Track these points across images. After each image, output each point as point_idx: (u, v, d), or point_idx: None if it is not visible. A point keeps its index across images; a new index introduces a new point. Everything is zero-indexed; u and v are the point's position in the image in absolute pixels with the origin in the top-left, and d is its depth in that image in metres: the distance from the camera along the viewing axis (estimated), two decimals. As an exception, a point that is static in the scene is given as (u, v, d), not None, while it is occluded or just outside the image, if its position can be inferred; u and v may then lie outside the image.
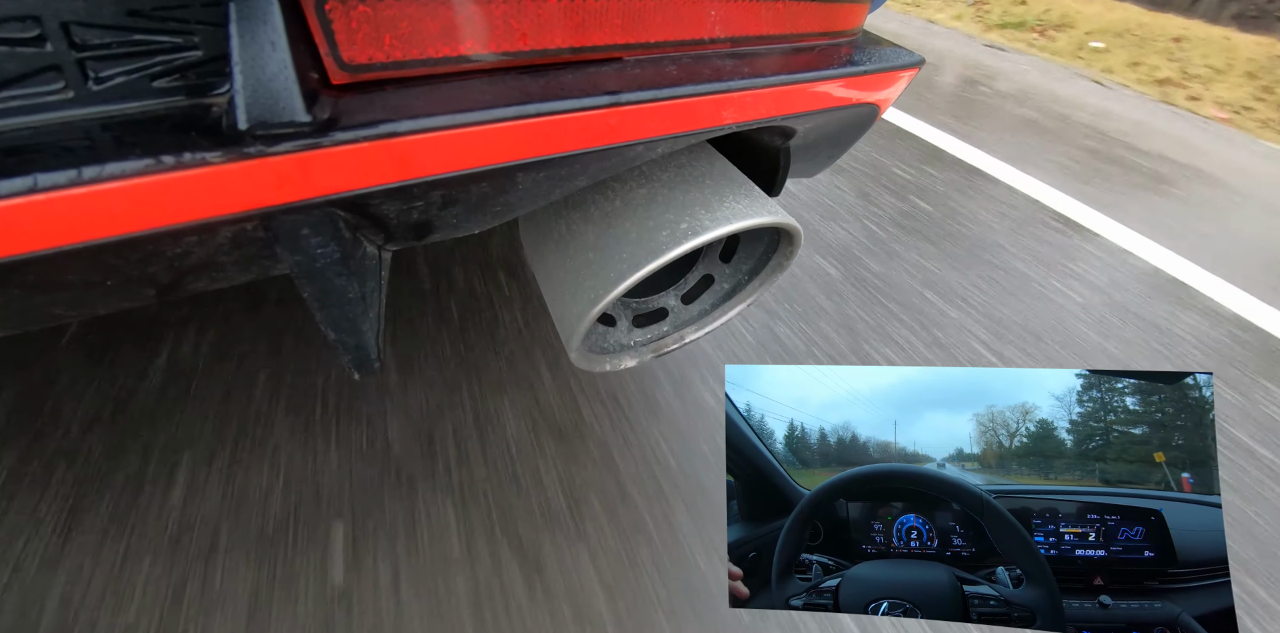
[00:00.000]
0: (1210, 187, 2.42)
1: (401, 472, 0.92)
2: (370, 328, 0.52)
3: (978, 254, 1.72)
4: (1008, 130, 2.65)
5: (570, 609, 0.79)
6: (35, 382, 0.99)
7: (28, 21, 0.31)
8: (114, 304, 0.44)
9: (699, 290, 0.81)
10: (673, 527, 0.90)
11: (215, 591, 0.76)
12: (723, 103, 0.52)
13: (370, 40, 0.38)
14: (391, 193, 0.41)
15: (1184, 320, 1.56)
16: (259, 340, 1.11)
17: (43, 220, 0.31)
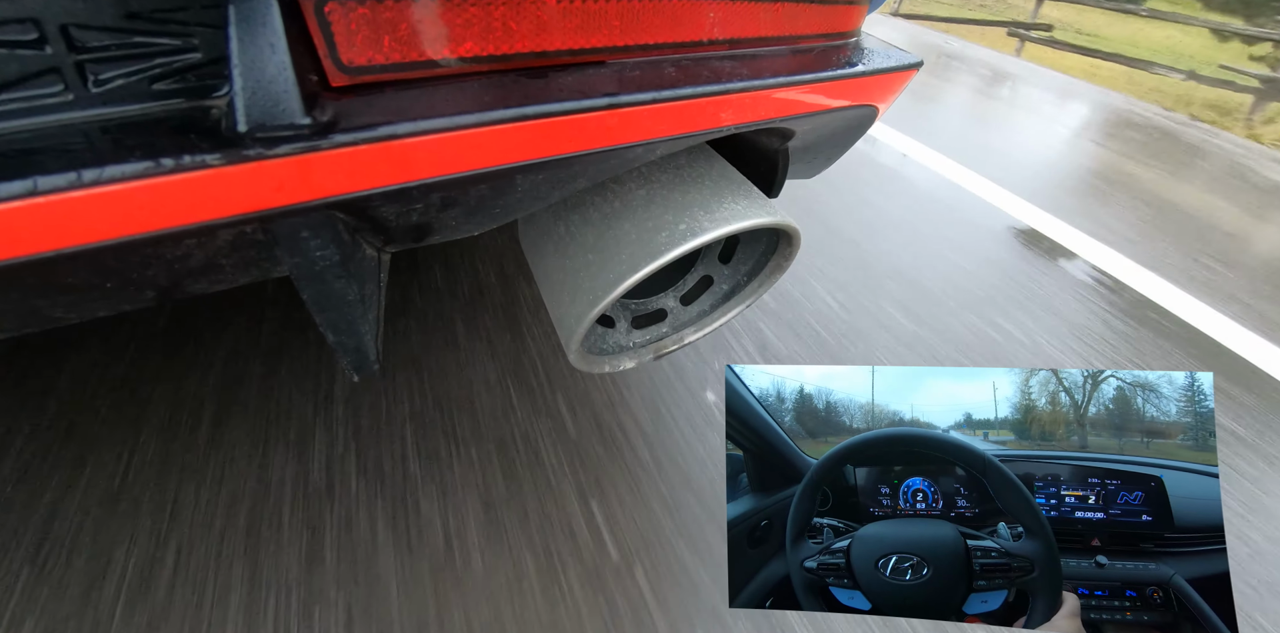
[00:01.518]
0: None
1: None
2: (369, 330, 0.52)
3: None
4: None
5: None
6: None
7: (27, 24, 0.31)
8: (114, 306, 0.44)
9: (698, 292, 0.81)
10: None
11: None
12: (721, 104, 0.52)
13: (369, 42, 0.38)
14: (391, 195, 0.41)
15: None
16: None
17: (43, 223, 0.31)
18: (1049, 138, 3.14)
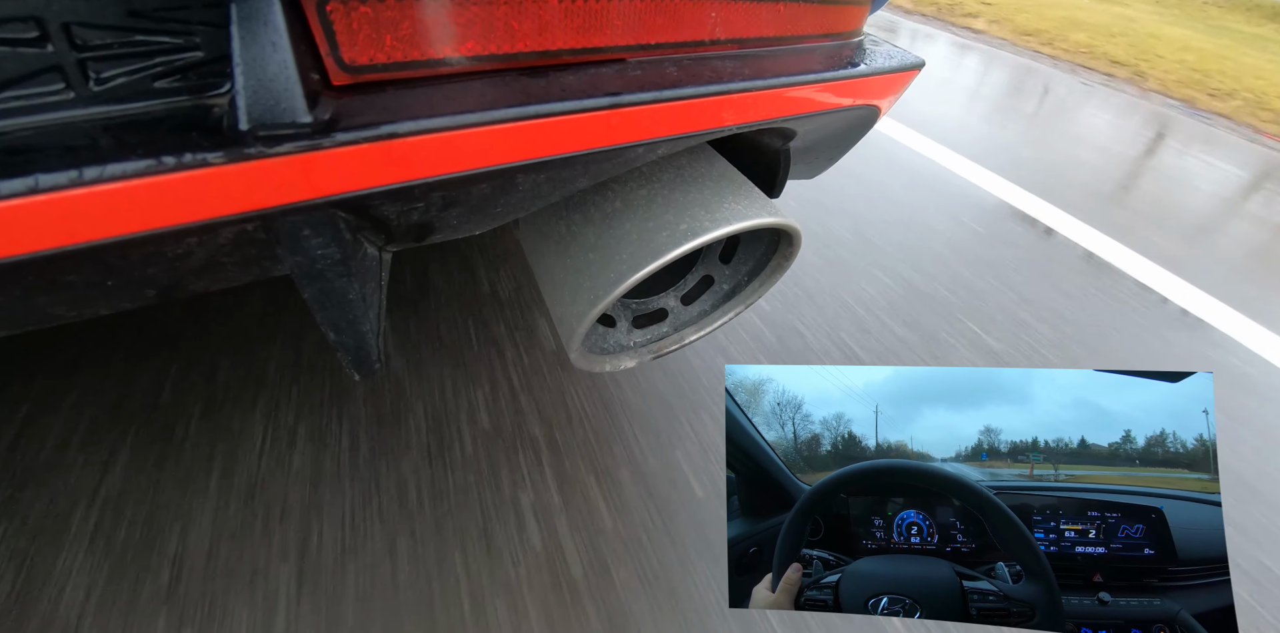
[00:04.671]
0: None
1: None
2: (370, 329, 0.51)
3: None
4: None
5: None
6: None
7: (29, 22, 0.31)
8: (115, 305, 0.44)
9: (699, 291, 0.81)
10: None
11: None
12: (723, 104, 0.52)
13: (371, 41, 0.38)
14: (392, 194, 0.41)
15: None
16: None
17: (44, 221, 0.31)
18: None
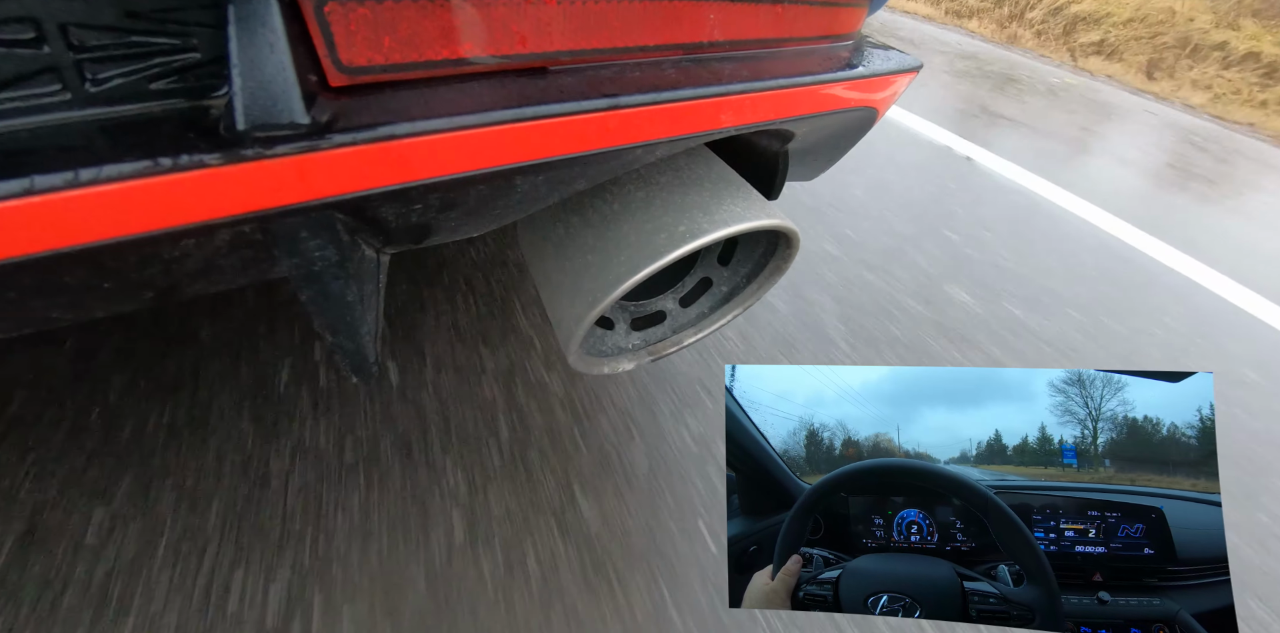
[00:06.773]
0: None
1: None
2: (368, 331, 0.51)
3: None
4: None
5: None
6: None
7: (25, 23, 0.31)
8: (111, 307, 0.44)
9: (697, 293, 0.81)
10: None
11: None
12: (721, 106, 0.52)
13: (369, 43, 0.38)
14: (390, 196, 0.41)
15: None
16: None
17: (40, 223, 0.31)
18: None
